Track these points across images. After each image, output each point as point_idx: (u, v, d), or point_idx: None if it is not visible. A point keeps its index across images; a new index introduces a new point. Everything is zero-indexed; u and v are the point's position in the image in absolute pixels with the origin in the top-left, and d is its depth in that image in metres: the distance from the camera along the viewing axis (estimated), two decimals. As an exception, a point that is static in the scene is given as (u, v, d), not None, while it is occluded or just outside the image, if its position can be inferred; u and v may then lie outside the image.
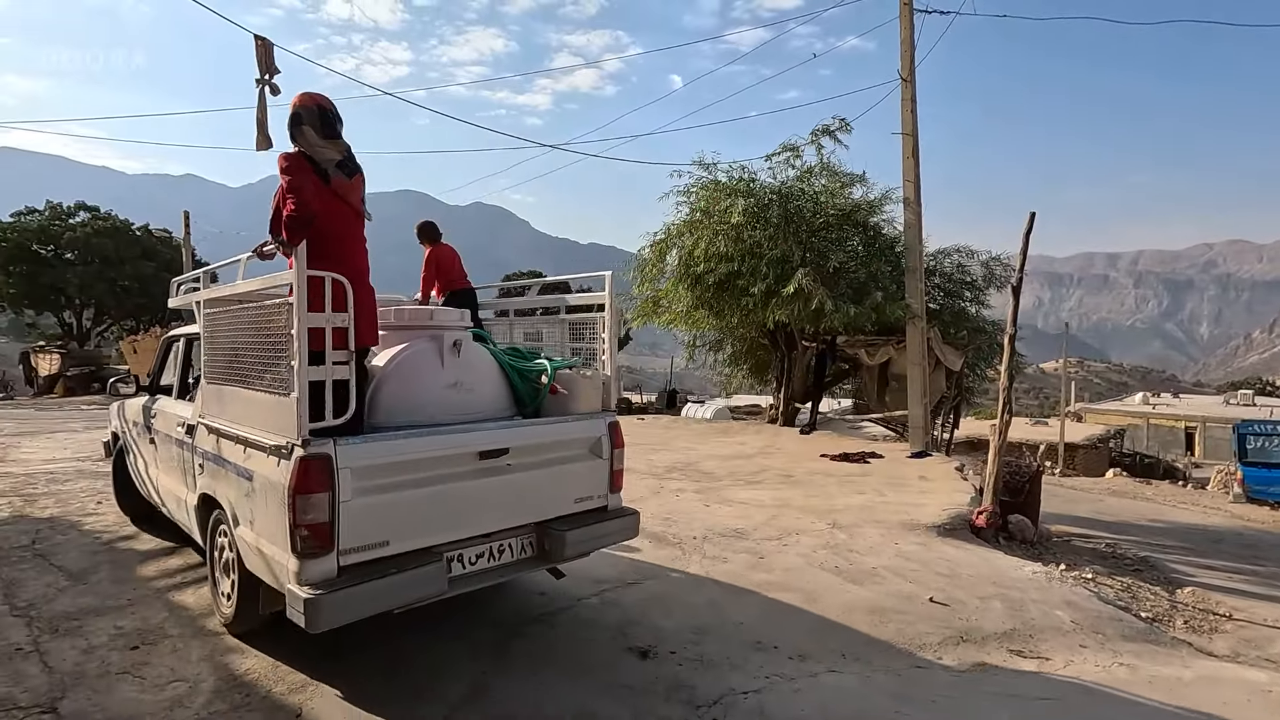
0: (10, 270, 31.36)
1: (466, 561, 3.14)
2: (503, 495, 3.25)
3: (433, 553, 2.96)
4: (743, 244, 10.54)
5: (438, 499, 3.01)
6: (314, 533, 2.66)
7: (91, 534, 5.32)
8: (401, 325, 3.48)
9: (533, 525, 3.40)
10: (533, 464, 3.36)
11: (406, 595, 2.86)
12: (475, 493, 3.15)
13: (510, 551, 3.31)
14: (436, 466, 3.01)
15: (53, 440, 11.84)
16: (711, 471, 8.24)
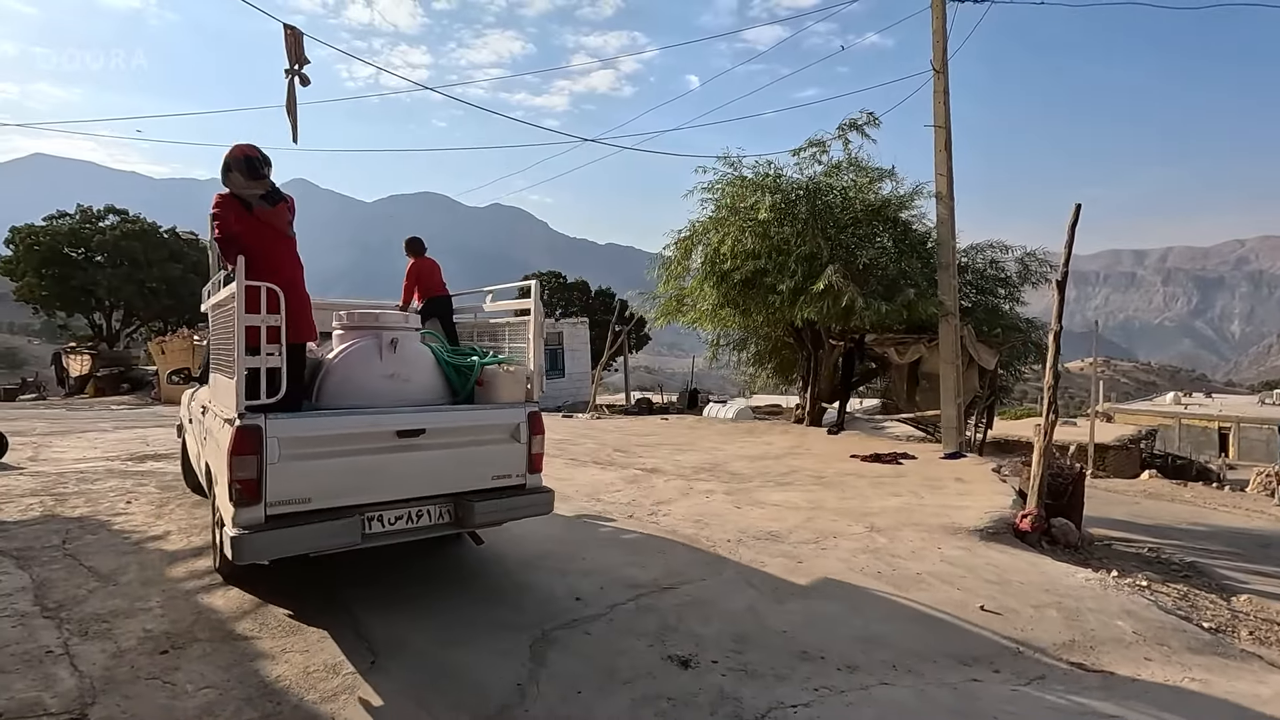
0: (43, 273, 32.00)
1: (386, 522, 3.70)
2: (421, 469, 3.83)
3: (350, 510, 3.55)
4: (770, 241, 10.35)
5: (359, 468, 3.63)
6: (245, 486, 3.33)
7: (120, 534, 5.30)
8: (351, 326, 4.31)
9: (450, 496, 3.90)
10: (449, 444, 3.93)
11: (322, 543, 3.51)
12: (395, 465, 3.74)
13: (428, 517, 3.84)
14: (357, 441, 3.64)
15: (83, 440, 11.97)
16: (740, 472, 8.07)
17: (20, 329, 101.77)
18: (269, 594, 3.96)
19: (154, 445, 11.12)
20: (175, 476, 7.73)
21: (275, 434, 3.39)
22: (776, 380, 14.92)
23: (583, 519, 5.84)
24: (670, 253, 12.26)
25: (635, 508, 6.27)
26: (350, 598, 3.97)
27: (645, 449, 10.00)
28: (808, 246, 10.00)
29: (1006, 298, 11.90)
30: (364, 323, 4.31)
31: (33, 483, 7.37)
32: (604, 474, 7.93)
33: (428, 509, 3.83)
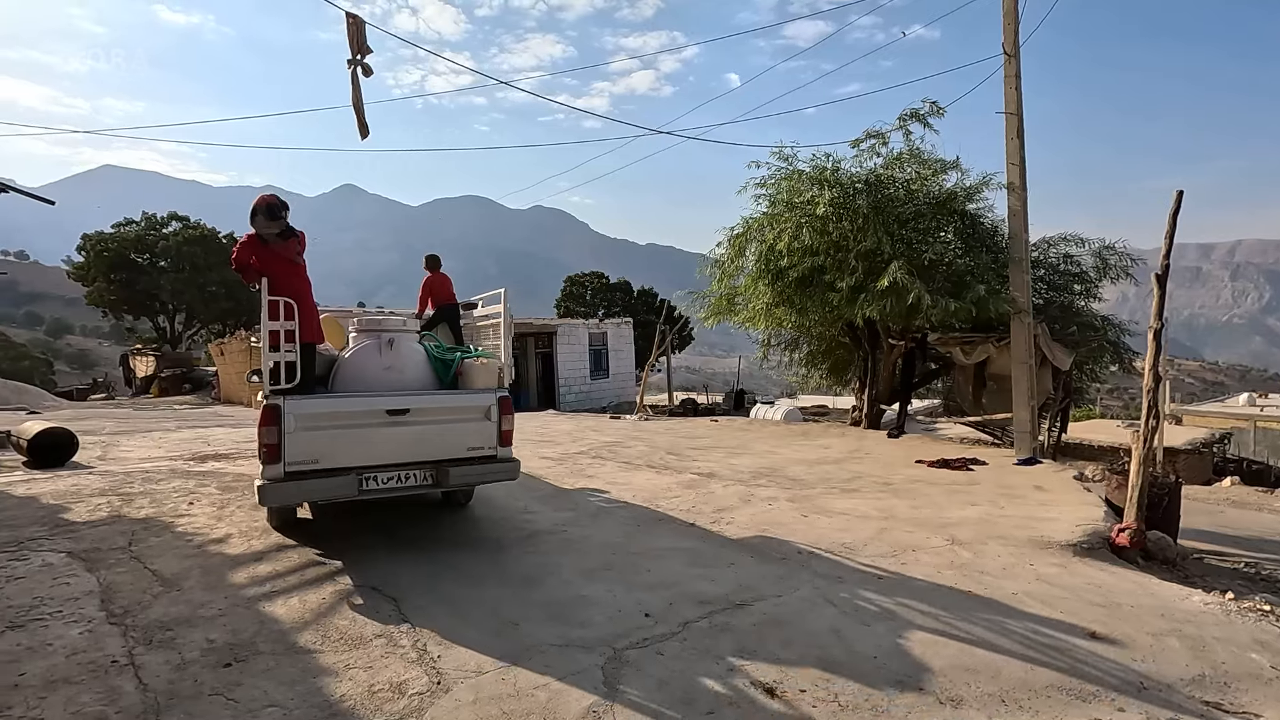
0: (111, 278, 33.46)
1: (379, 481, 4.74)
2: (407, 440, 4.88)
3: (349, 471, 4.66)
4: (828, 237, 9.96)
5: (357, 438, 4.75)
6: (268, 450, 4.51)
7: (183, 536, 5.30)
8: (361, 330, 5.61)
9: (432, 463, 4.92)
10: (430, 421, 4.98)
11: (326, 494, 4.75)
12: (386, 437, 4.82)
13: (414, 478, 4.87)
14: (355, 418, 4.78)
15: (148, 439, 12.31)
16: (801, 478, 7.74)
17: (91, 332, 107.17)
18: (330, 607, 3.86)
19: (214, 445, 11.35)
20: (235, 477, 7.81)
21: (291, 411, 4.56)
22: (830, 381, 14.46)
23: (642, 527, 5.62)
24: (722, 250, 11.95)
25: (696, 515, 6.02)
26: (410, 606, 3.83)
27: (698, 452, 9.74)
28: (869, 242, 9.57)
29: (1082, 294, 11.23)
30: (370, 327, 5.60)
31: (101, 482, 7.52)
32: (659, 478, 7.71)
33: (413, 472, 4.87)
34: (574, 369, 27.91)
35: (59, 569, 4.50)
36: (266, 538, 5.26)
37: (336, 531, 5.42)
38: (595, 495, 6.84)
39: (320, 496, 4.86)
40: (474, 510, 6.16)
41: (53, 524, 5.63)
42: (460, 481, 5.11)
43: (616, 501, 6.55)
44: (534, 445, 10.49)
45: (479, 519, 5.88)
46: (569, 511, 6.14)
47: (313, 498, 4.93)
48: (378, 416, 4.84)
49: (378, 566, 4.58)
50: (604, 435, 11.79)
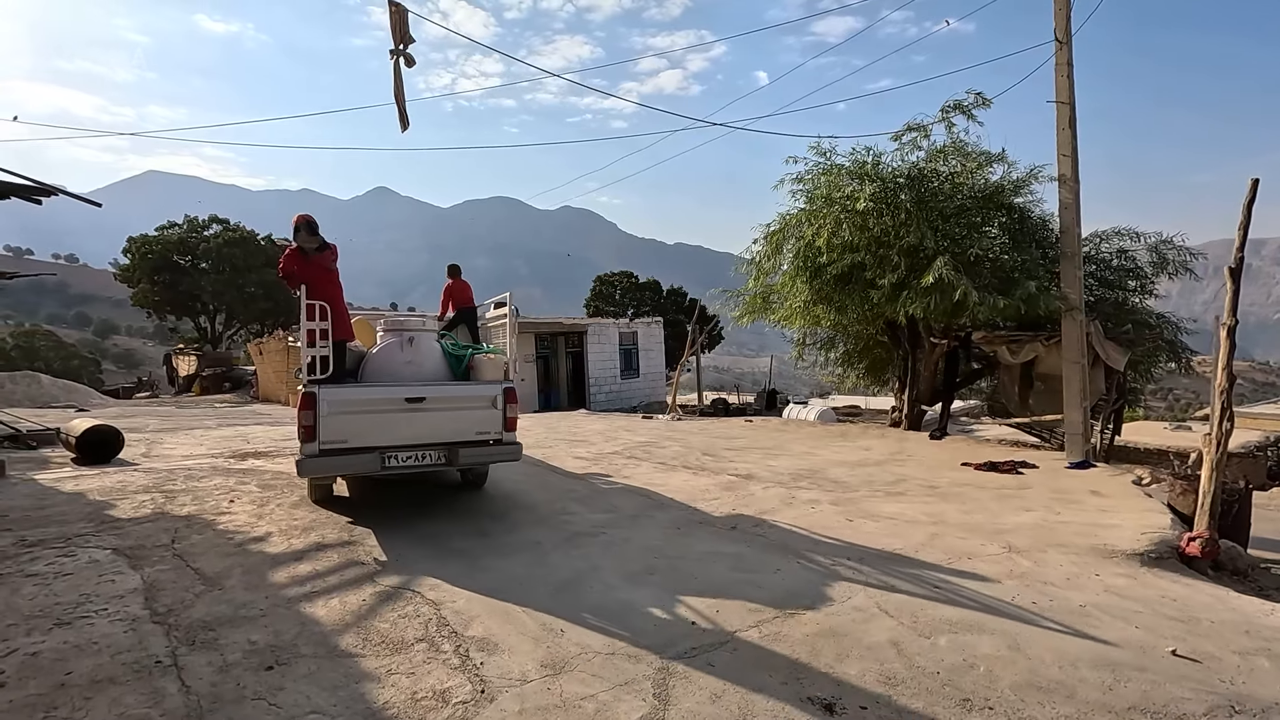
0: (155, 279, 34.38)
1: (399, 459, 5.42)
2: (423, 424, 5.55)
3: (374, 450, 5.35)
4: (869, 233, 9.68)
5: (380, 422, 5.42)
6: (306, 430, 5.19)
7: (225, 534, 5.31)
8: (387, 329, 6.43)
9: (445, 444, 5.59)
10: (443, 408, 5.66)
11: (353, 469, 5.45)
12: (405, 421, 5.50)
13: (429, 458, 5.54)
14: (378, 405, 5.45)
15: (190, 437, 12.53)
16: (843, 480, 7.52)
17: (136, 332, 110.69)
18: (370, 609, 3.79)
19: (254, 443, 11.50)
20: (274, 475, 7.86)
21: (324, 398, 5.27)
22: (867, 381, 14.13)
23: (681, 530, 5.47)
24: (759, 248, 11.73)
25: (737, 518, 5.86)
26: (450, 610, 3.75)
27: (735, 453, 9.56)
28: (912, 237, 9.28)
29: (1137, 290, 10.74)
30: (394, 327, 6.44)
31: (145, 479, 7.63)
32: (697, 480, 7.55)
33: (428, 452, 5.55)
34: (604, 368, 27.87)
35: (105, 566, 4.53)
36: (306, 537, 5.25)
37: (378, 533, 5.39)
38: (632, 494, 6.72)
39: (349, 471, 5.62)
40: (512, 512, 6.09)
41: (99, 520, 5.70)
42: (469, 461, 5.84)
43: (655, 503, 6.42)
44: (568, 445, 10.42)
45: (518, 521, 5.80)
46: (607, 513, 6.02)
47: (342, 471, 5.69)
48: (398, 403, 5.56)
49: (418, 568, 4.52)
50: (637, 435, 11.68)
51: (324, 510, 6.07)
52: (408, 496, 6.65)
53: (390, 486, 6.90)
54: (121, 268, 35.83)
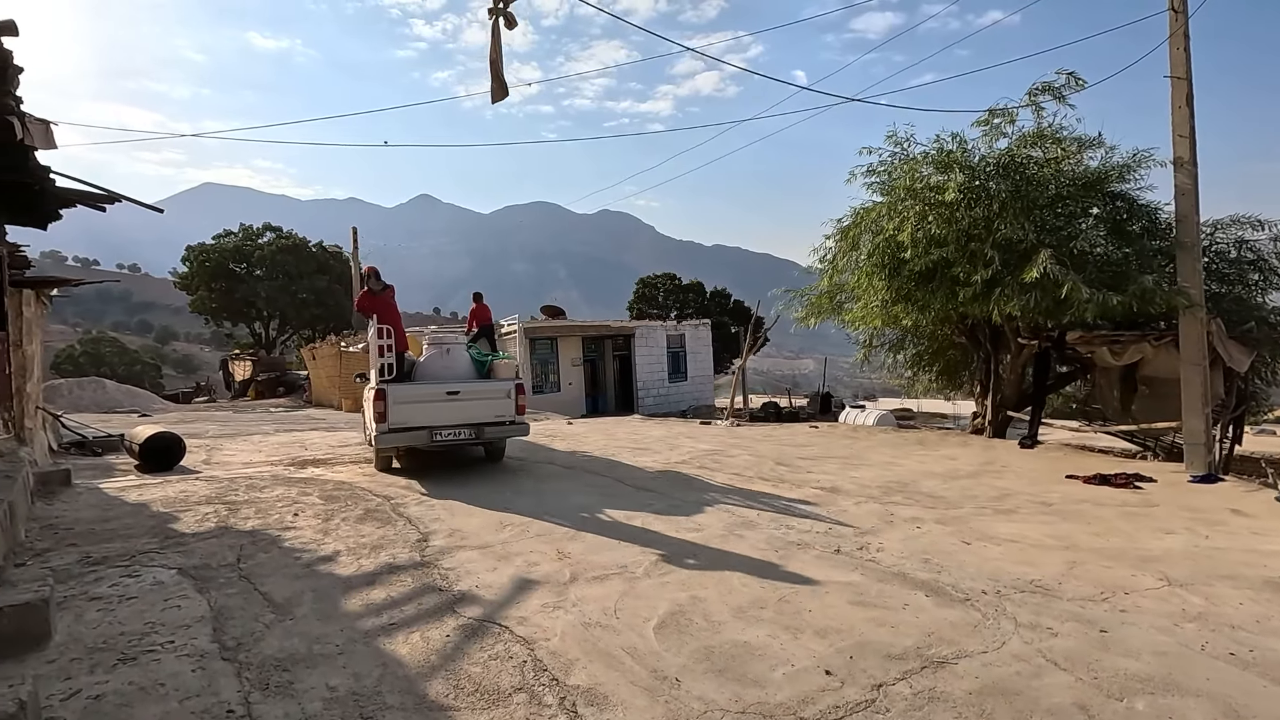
0: (212, 286, 35.29)
1: (442, 435, 7.75)
2: (460, 410, 7.85)
3: (424, 428, 7.63)
4: (957, 225, 8.99)
5: (429, 409, 7.70)
6: (380, 415, 7.46)
7: (291, 552, 5.00)
8: (430, 343, 8.82)
9: (474, 424, 7.90)
10: (473, 399, 7.95)
11: (411, 441, 7.73)
12: (446, 408, 7.78)
13: (464, 434, 7.88)
14: (427, 397, 7.73)
15: (249, 443, 12.51)
16: (940, 495, 6.89)
17: (194, 338, 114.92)
18: (456, 647, 3.38)
19: (311, 449, 11.38)
20: (336, 485, 7.61)
21: (391, 394, 7.55)
22: (941, 385, 13.33)
23: (781, 553, 4.95)
24: (832, 244, 11.09)
25: (837, 538, 5.31)
26: (546, 650, 3.31)
27: (810, 463, 8.98)
28: (1008, 230, 8.55)
29: (1259, 284, 9.75)
30: (436, 341, 8.96)
31: (207, 489, 7.46)
32: (779, 494, 7.00)
33: (463, 430, 7.88)
34: (652, 371, 27.43)
35: (169, 588, 4.24)
36: (376, 556, 4.90)
37: (449, 555, 5.01)
38: (714, 511, 6.22)
39: (408, 443, 7.92)
40: (593, 528, 5.66)
41: (163, 535, 5.47)
42: (491, 436, 8.25)
43: (742, 520, 5.91)
44: (631, 453, 9.97)
45: (597, 539, 5.36)
46: (692, 532, 5.54)
47: (404, 443, 7.96)
48: (441, 396, 7.94)
49: (501, 596, 4.11)
50: (700, 442, 11.17)
51: (391, 526, 5.75)
52: (482, 525, 6.29)
53: (484, 524, 6.56)
54: (180, 276, 36.93)
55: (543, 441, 11.81)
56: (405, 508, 6.41)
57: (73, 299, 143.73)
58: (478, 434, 8.00)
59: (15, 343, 7.78)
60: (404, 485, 7.54)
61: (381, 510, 6.31)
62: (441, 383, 8.11)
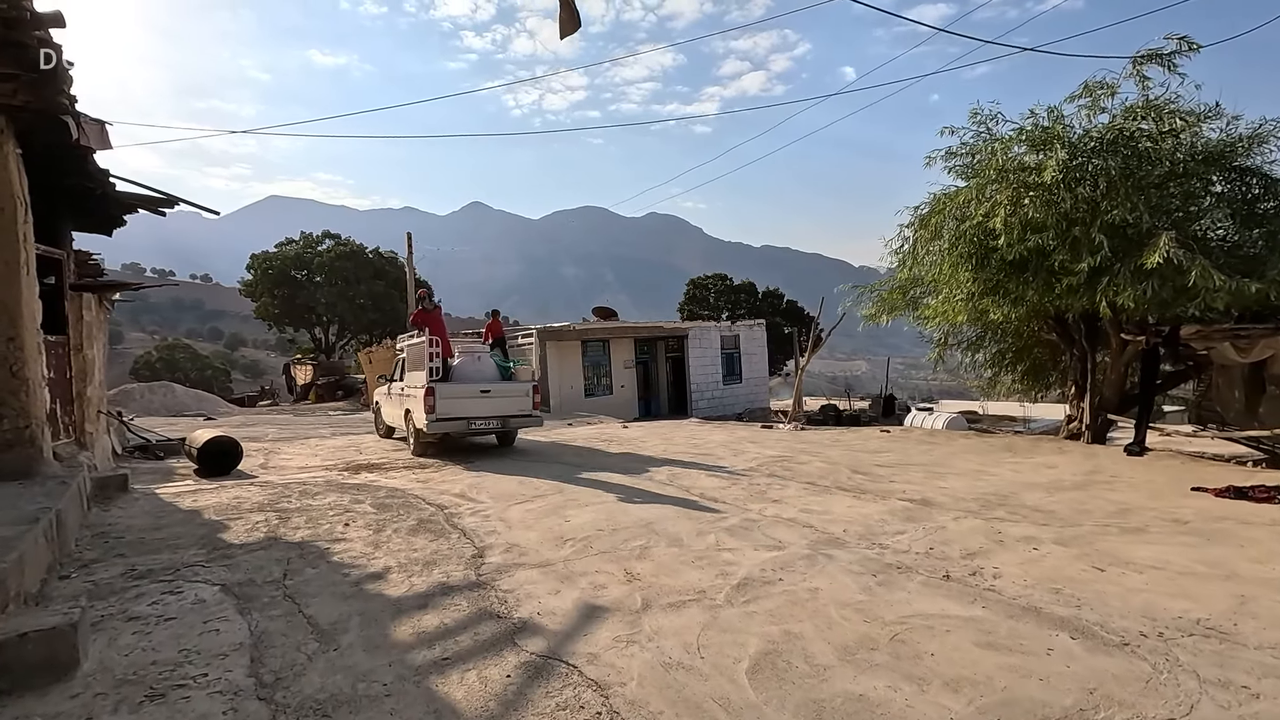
0: (274, 293, 36.32)
1: (476, 424, 9.93)
2: (490, 405, 9.99)
3: (464, 419, 9.79)
4: (1057, 208, 8.13)
5: (466, 403, 9.85)
6: (429, 407, 9.62)
7: (340, 567, 4.65)
8: (464, 350, 10.97)
9: (501, 416, 10.06)
10: (500, 396, 10.11)
11: (452, 429, 9.85)
12: (480, 403, 9.91)
13: (493, 424, 10.11)
14: (465, 394, 9.90)
15: (306, 447, 12.47)
16: (1049, 509, 6.11)
17: (261, 344, 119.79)
18: (519, 691, 2.91)
19: (366, 453, 11.22)
20: (389, 492, 7.32)
21: (439, 391, 9.56)
22: (1026, 386, 12.30)
23: (879, 578, 4.33)
24: (910, 234, 10.28)
25: (942, 561, 4.64)
26: (621, 699, 2.80)
27: (889, 471, 8.25)
28: (1120, 211, 7.65)
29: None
30: (468, 350, 10.94)
31: (260, 495, 7.26)
32: (862, 506, 6.35)
33: (492, 420, 9.95)
34: (706, 374, 26.78)
35: (210, 608, 3.91)
36: (428, 574, 4.50)
37: (507, 574, 4.57)
38: (793, 526, 5.62)
39: (450, 430, 9.86)
40: (662, 544, 5.14)
41: (211, 546, 5.21)
42: (513, 425, 10.45)
43: (826, 536, 5.29)
44: (692, 460, 9.41)
45: (667, 557, 4.83)
46: (771, 550, 4.96)
47: (448, 430, 9.83)
48: (475, 393, 10.00)
49: (566, 625, 3.63)
50: (766, 448, 10.53)
51: (444, 539, 5.36)
52: (541, 540, 5.84)
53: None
54: (245, 283, 38.17)
55: (599, 446, 11.37)
56: (460, 519, 6.02)
57: (149, 308, 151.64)
58: (504, 424, 10.30)
59: (76, 346, 7.77)
60: (458, 494, 7.19)
61: (435, 521, 5.94)
62: (475, 383, 10.20)
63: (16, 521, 4.42)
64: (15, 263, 6.21)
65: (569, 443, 11.96)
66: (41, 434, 6.38)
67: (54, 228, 8.92)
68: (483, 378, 10.36)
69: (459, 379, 10.17)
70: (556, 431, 14.96)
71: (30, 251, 6.58)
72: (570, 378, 23.29)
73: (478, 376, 10.34)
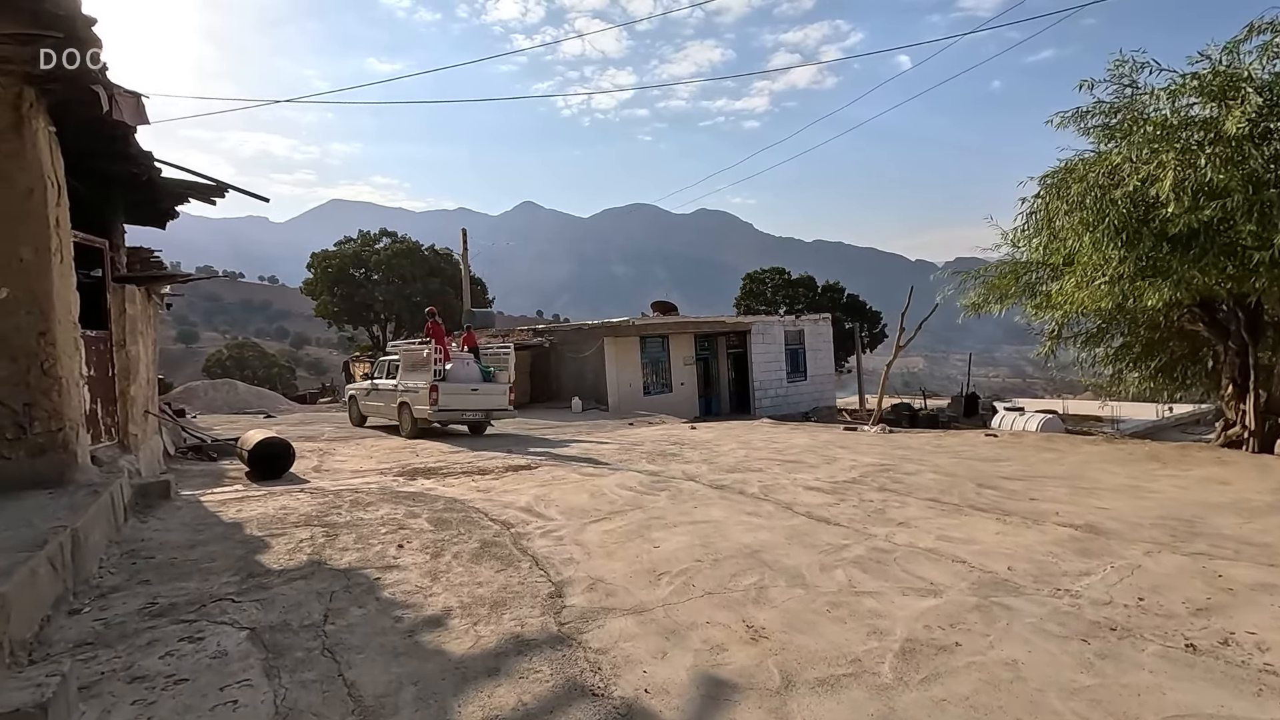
0: (334, 291, 36.72)
1: (467, 414, 13.31)
2: (477, 399, 13.41)
3: (459, 410, 13.15)
4: (1243, 168, 6.73)
5: (461, 398, 13.12)
6: (433, 400, 12.74)
7: (391, 607, 3.81)
8: (457, 356, 14.09)
9: (485, 410, 13.54)
10: (485, 392, 13.58)
11: (450, 419, 13.16)
12: (470, 397, 13.28)
13: (480, 415, 13.51)
14: (460, 390, 13.14)
15: (360, 447, 11.95)
16: (1260, 541, 4.84)
17: (324, 342, 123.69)
18: None
19: (422, 456, 10.57)
20: (447, 504, 6.53)
21: (441, 388, 12.84)
22: (1161, 384, 10.72)
23: (1093, 645, 3.22)
24: (1041, 204, 8.88)
25: (1166, 620, 3.49)
26: None
27: (1021, 484, 7.02)
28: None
29: None
30: (458, 356, 13.91)
31: (310, 504, 6.58)
32: (1016, 534, 5.18)
33: (479, 411, 13.42)
34: (769, 370, 25.54)
35: (232, 664, 3.12)
36: (498, 620, 3.62)
37: (595, 623, 3.65)
38: (937, 561, 4.53)
39: (448, 419, 12.95)
40: (781, 583, 4.13)
41: (246, 571, 4.47)
42: (494, 417, 13.63)
43: (989, 577, 4.18)
44: (782, 467, 8.35)
45: (793, 603, 3.82)
46: (926, 595, 3.89)
47: (446, 419, 12.88)
48: (467, 390, 13.06)
49: (685, 714, 2.68)
50: (860, 454, 9.37)
51: (514, 568, 4.48)
52: (628, 572, 4.93)
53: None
54: (306, 283, 38.77)
55: (670, 449, 10.42)
56: (529, 541, 5.15)
57: (222, 309, 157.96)
58: (487, 415, 13.58)
59: (119, 342, 7.26)
60: (524, 508, 6.34)
61: (501, 544, 5.08)
62: (466, 382, 13.36)
63: (20, 546, 3.74)
64: (45, 250, 5.64)
65: (637, 446, 11.05)
66: (76, 437, 5.80)
67: (104, 218, 8.51)
68: (471, 378, 13.57)
69: (454, 378, 13.17)
70: (620, 433, 14.09)
71: (65, 239, 6.02)
72: (629, 375, 22.44)
73: (468, 377, 13.53)
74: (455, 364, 13.38)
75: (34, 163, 5.59)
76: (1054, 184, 8.60)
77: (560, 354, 23.88)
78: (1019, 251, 9.68)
